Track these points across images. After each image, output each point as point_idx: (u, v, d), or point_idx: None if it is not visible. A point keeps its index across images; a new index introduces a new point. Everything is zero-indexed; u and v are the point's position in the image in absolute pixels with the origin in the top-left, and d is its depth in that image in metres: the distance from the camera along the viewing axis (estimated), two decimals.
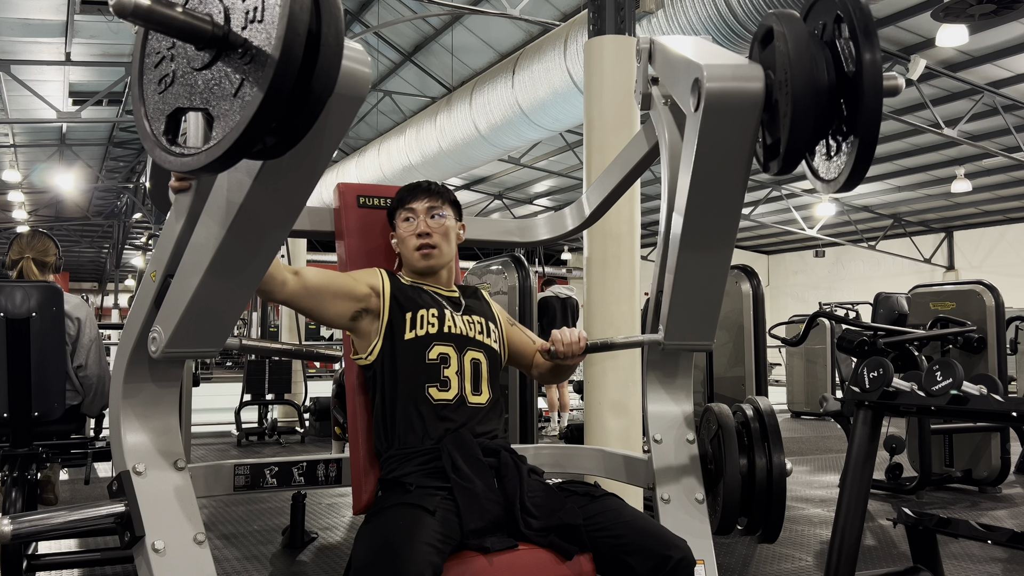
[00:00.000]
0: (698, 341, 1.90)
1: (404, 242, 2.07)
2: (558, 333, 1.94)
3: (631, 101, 4.02)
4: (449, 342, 1.96)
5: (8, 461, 2.95)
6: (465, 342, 1.98)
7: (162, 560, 1.53)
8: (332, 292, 1.91)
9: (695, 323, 1.87)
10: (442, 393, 1.91)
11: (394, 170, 9.65)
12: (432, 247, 2.04)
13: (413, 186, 2.11)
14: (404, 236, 2.06)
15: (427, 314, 1.96)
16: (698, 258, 1.76)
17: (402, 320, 1.95)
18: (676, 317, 1.84)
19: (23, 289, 2.99)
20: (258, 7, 1.08)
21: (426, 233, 2.03)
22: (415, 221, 2.05)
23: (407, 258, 2.07)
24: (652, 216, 15.02)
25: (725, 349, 4.65)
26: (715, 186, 1.65)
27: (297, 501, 3.96)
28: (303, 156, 1.32)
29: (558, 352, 1.93)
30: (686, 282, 1.79)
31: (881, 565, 3.61)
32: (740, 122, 1.54)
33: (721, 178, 1.64)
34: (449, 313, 2.00)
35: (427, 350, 1.93)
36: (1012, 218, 17.81)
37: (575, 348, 1.92)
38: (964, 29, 7.73)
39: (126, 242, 23.06)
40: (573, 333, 1.94)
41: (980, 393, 2.30)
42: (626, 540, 1.69)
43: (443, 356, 1.94)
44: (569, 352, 1.92)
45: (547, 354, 1.96)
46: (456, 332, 1.97)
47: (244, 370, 8.22)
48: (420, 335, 1.94)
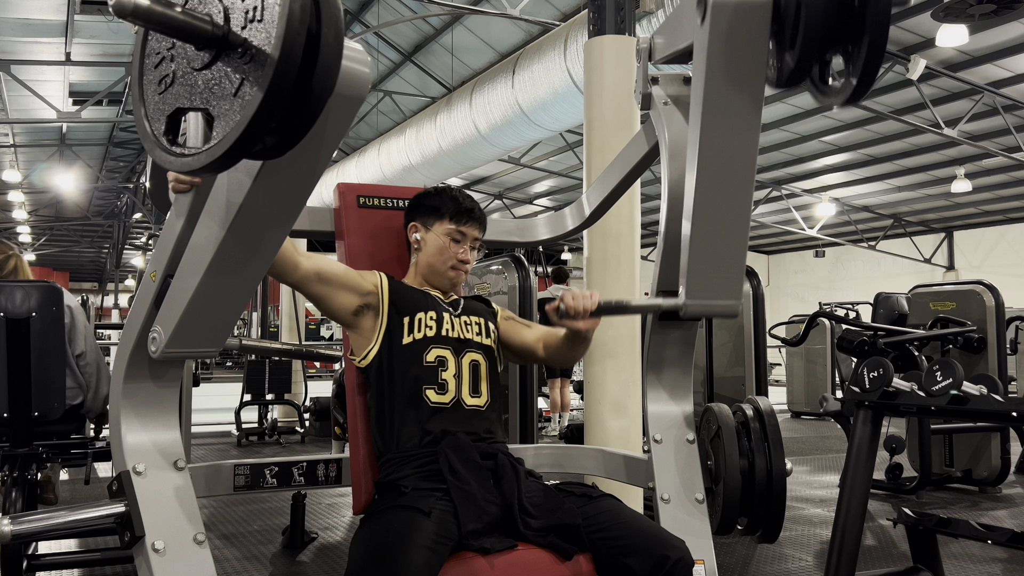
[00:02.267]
0: (724, 300, 1.71)
1: (441, 255, 2.05)
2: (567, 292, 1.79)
3: (631, 101, 4.02)
4: (447, 345, 1.95)
5: (8, 461, 2.95)
6: (463, 344, 1.98)
7: (162, 560, 1.53)
8: (341, 282, 1.92)
9: (720, 279, 1.69)
10: (439, 396, 1.90)
11: (394, 170, 9.64)
12: (465, 273, 2.08)
13: (468, 208, 2.07)
14: (445, 251, 2.05)
15: (425, 316, 1.96)
16: (718, 198, 1.61)
17: (400, 324, 1.94)
18: (698, 273, 1.65)
19: (23, 289, 2.99)
20: (258, 7, 1.08)
21: (467, 261, 2.07)
22: (462, 245, 2.06)
23: (435, 267, 2.05)
24: (652, 216, 15.02)
25: (725, 349, 4.66)
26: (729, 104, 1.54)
27: (297, 501, 3.96)
28: (303, 156, 1.32)
29: (567, 309, 1.76)
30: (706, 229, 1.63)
31: (881, 565, 3.61)
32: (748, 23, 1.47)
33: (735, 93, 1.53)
34: (448, 316, 2.00)
35: (425, 353, 1.93)
36: (1012, 218, 17.81)
37: (586, 304, 1.76)
38: (964, 29, 7.73)
39: (126, 242, 23.07)
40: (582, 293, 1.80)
41: (980, 393, 2.30)
42: (624, 541, 1.68)
43: (440, 359, 1.94)
44: (578, 308, 1.76)
45: (555, 313, 1.80)
46: (454, 335, 1.97)
47: (244, 370, 8.22)
48: (418, 338, 1.94)
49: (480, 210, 2.11)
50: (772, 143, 12.73)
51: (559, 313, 1.78)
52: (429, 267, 2.06)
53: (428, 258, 2.06)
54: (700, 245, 1.65)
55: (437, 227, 2.06)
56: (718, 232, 1.65)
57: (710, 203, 1.62)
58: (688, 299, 1.68)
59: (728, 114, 1.56)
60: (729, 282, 1.69)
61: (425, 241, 2.07)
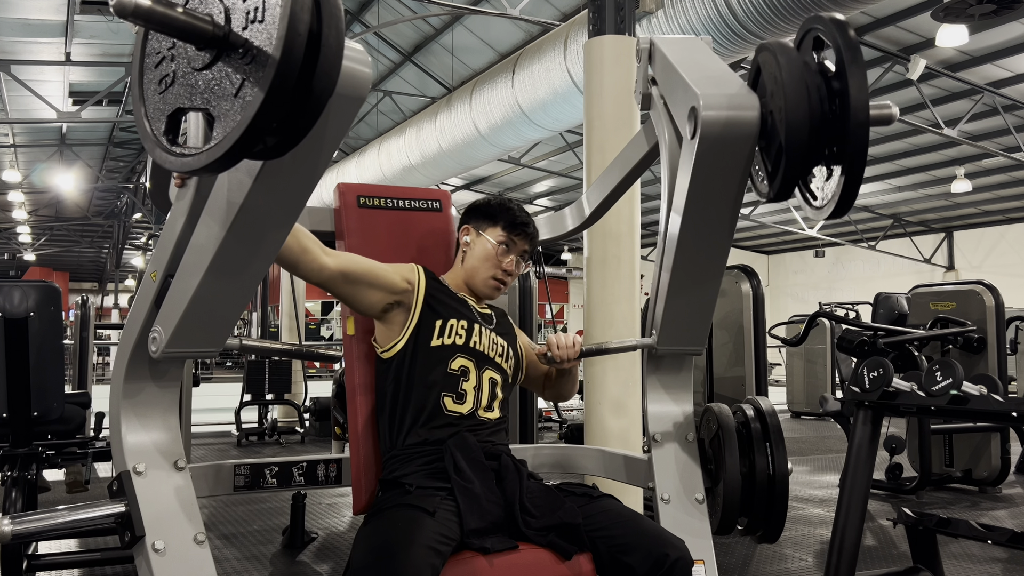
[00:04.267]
0: (690, 346, 1.98)
1: (486, 261, 2.04)
2: (553, 338, 1.99)
3: (631, 101, 4.02)
4: (471, 356, 1.95)
5: (8, 461, 2.95)
6: (485, 360, 1.98)
7: (162, 560, 1.53)
8: (368, 282, 1.89)
9: (687, 329, 1.93)
10: (456, 405, 1.90)
11: (394, 170, 9.64)
12: (505, 285, 2.09)
13: (524, 221, 2.08)
14: (493, 260, 2.04)
15: (457, 324, 1.96)
16: (691, 272, 1.82)
17: (431, 325, 1.93)
18: (669, 323, 1.91)
19: (21, 289, 2.99)
20: (259, 7, 1.08)
21: (511, 273, 2.07)
22: (510, 256, 2.06)
23: (478, 272, 2.05)
24: (652, 216, 15.02)
25: (725, 349, 4.66)
26: (709, 208, 1.71)
27: (297, 501, 3.96)
28: (304, 156, 1.32)
29: (554, 357, 1.99)
30: (679, 291, 1.85)
31: (881, 565, 3.61)
32: (735, 150, 1.59)
33: (715, 201, 1.70)
34: (479, 328, 1.99)
35: (451, 359, 1.93)
36: (1012, 218, 17.81)
37: (570, 352, 1.99)
38: (964, 29, 7.73)
39: (126, 242, 23.07)
40: (568, 338, 2.00)
41: (980, 393, 2.30)
42: (624, 540, 1.69)
43: (464, 369, 1.94)
44: (564, 356, 1.99)
45: (543, 358, 2.02)
46: (480, 348, 1.97)
47: (244, 370, 8.22)
48: (447, 343, 1.93)
49: (535, 226, 2.12)
50: None
51: (547, 360, 2.02)
52: (472, 271, 2.06)
53: (473, 261, 2.06)
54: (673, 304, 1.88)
55: (489, 232, 2.06)
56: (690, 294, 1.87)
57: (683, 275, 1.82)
58: (659, 345, 1.95)
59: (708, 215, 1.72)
60: (696, 332, 1.95)
61: (474, 245, 2.07)
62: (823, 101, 1.46)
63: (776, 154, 1.52)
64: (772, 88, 1.50)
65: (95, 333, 7.02)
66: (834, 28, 1.45)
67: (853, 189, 1.47)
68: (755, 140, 1.57)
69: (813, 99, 1.45)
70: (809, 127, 1.45)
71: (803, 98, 1.44)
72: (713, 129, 1.55)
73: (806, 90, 1.45)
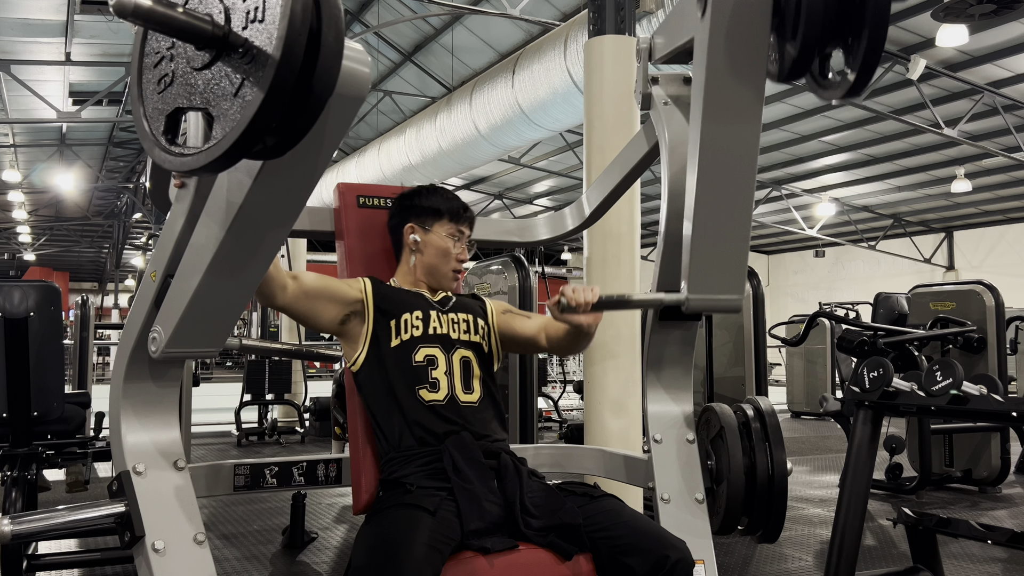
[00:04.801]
0: (727, 295, 1.69)
1: (444, 256, 2.05)
2: (568, 286, 1.76)
3: (631, 101, 4.02)
4: (435, 343, 1.95)
5: (8, 461, 2.95)
6: (450, 342, 1.98)
7: (162, 560, 1.53)
8: (327, 296, 1.92)
9: (722, 274, 1.67)
10: (432, 394, 1.90)
11: (394, 170, 9.64)
12: (462, 273, 2.11)
13: (462, 207, 2.09)
14: (448, 252, 2.06)
15: (411, 317, 1.96)
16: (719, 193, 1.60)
17: (387, 327, 1.95)
18: (700, 268, 1.64)
19: (21, 289, 2.99)
20: (259, 7, 1.08)
21: (464, 260, 2.10)
22: (460, 244, 2.08)
23: (438, 269, 2.06)
24: (652, 216, 15.02)
25: (725, 349, 4.65)
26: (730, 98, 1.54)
27: (297, 501, 3.96)
28: (303, 156, 1.32)
29: (568, 302, 1.72)
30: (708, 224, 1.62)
31: (881, 565, 3.61)
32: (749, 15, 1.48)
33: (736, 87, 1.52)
34: (435, 314, 2.00)
35: (413, 353, 1.93)
36: (1012, 218, 17.81)
37: (586, 297, 1.72)
38: (964, 29, 7.73)
39: (126, 242, 23.06)
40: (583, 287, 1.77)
41: (980, 393, 2.30)
42: (625, 540, 1.69)
43: (430, 358, 1.94)
44: (579, 300, 1.72)
45: (556, 307, 1.76)
46: (442, 332, 1.97)
47: (244, 370, 8.23)
48: (405, 339, 1.94)
49: (471, 209, 2.15)
50: (772, 143, 12.73)
51: (560, 307, 1.74)
52: (431, 268, 2.06)
53: (430, 259, 2.06)
54: (702, 240, 1.64)
55: (438, 228, 2.06)
56: (720, 227, 1.64)
57: (712, 197, 1.60)
58: (691, 294, 1.67)
59: (729, 108, 1.56)
60: (732, 277, 1.68)
61: (426, 243, 2.06)
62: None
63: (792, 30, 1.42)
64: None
65: (95, 333, 7.02)
66: None
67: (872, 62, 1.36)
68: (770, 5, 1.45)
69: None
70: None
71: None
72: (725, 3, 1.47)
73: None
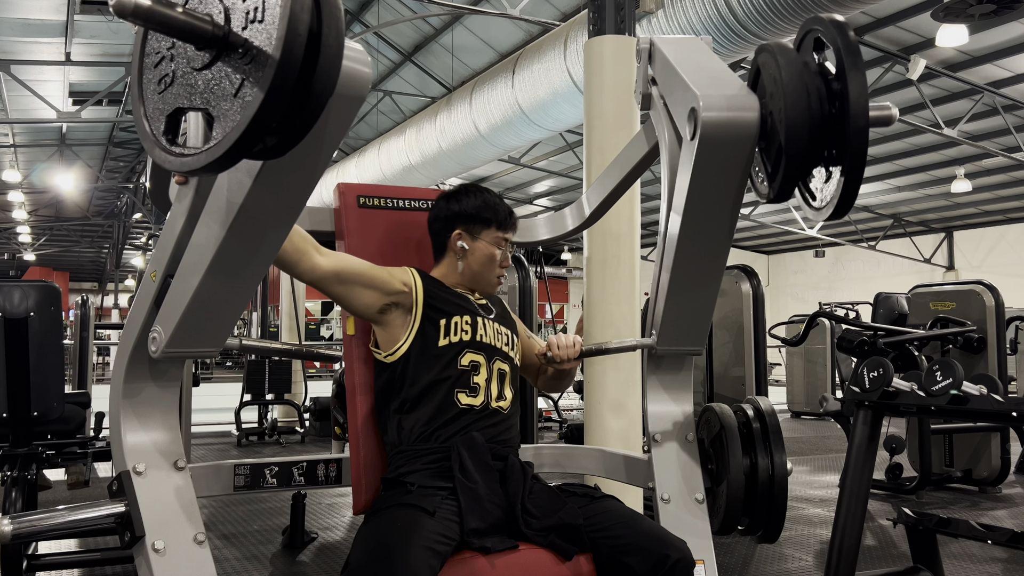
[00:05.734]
0: (690, 347, 1.98)
1: (491, 264, 2.06)
2: (554, 338, 2.03)
3: (631, 101, 4.02)
4: (480, 351, 1.96)
5: (8, 461, 2.95)
6: (494, 352, 1.98)
7: (162, 560, 1.53)
8: (364, 283, 1.89)
9: (687, 329, 1.94)
10: (470, 399, 1.90)
11: (394, 170, 9.64)
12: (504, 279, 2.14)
13: (508, 212, 2.10)
14: (495, 260, 2.06)
15: (460, 321, 1.96)
16: (691, 272, 1.82)
17: (435, 326, 1.93)
18: (669, 323, 1.91)
19: (21, 289, 2.99)
20: (258, 7, 1.08)
21: (507, 267, 2.12)
22: (504, 251, 2.09)
23: (484, 276, 2.06)
24: (652, 216, 15.02)
25: (725, 349, 4.66)
26: (709, 208, 1.71)
27: (297, 501, 3.96)
28: (303, 156, 1.32)
29: (555, 357, 2.03)
30: (679, 291, 1.86)
31: (881, 565, 3.61)
32: (735, 151, 1.59)
33: (715, 201, 1.70)
34: (482, 320, 1.99)
35: (460, 356, 1.93)
36: (1012, 218, 17.81)
37: (570, 352, 2.03)
38: (964, 29, 7.73)
39: (126, 242, 23.07)
40: (568, 338, 2.04)
41: (980, 393, 2.30)
42: (625, 540, 1.69)
43: (474, 363, 1.94)
44: (564, 356, 2.03)
45: (544, 358, 2.07)
46: (487, 341, 1.98)
47: (244, 370, 8.23)
48: (454, 341, 1.93)
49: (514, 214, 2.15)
50: None
51: (547, 360, 2.06)
52: (476, 275, 2.06)
53: (477, 266, 2.05)
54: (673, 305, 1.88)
55: (486, 235, 2.05)
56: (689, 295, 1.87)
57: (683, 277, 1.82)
58: (659, 345, 1.94)
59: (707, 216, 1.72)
60: (696, 332, 1.95)
61: (474, 250, 2.05)
62: (823, 102, 1.46)
63: (776, 155, 1.52)
64: (772, 89, 1.51)
65: (95, 333, 7.02)
66: (834, 29, 1.45)
67: (853, 190, 1.47)
68: (755, 141, 1.57)
69: (813, 100, 1.46)
70: (809, 128, 1.45)
71: (803, 99, 1.45)
72: (713, 130, 1.55)
73: (806, 91, 1.45)
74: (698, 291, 1.87)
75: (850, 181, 1.46)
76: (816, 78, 1.48)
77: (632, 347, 2.06)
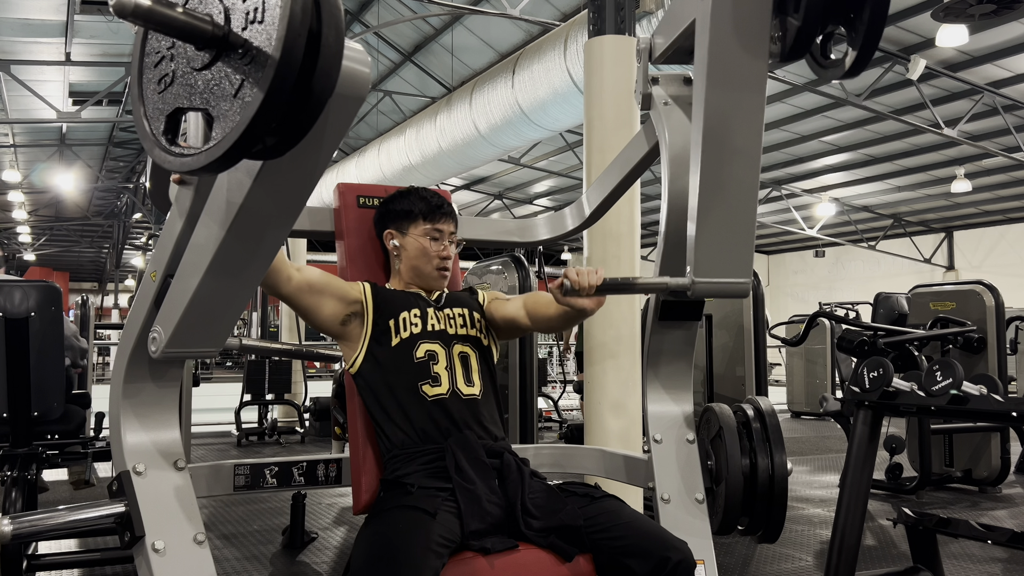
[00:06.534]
0: (733, 278, 1.65)
1: (424, 256, 2.06)
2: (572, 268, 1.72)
3: (631, 101, 4.02)
4: (435, 339, 1.97)
5: (8, 461, 2.95)
6: (450, 338, 1.99)
7: (162, 560, 1.53)
8: (329, 292, 1.94)
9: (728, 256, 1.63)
10: (435, 388, 1.92)
11: (394, 170, 9.64)
12: (449, 270, 2.10)
13: (437, 204, 2.08)
14: (427, 251, 2.05)
15: (409, 315, 1.98)
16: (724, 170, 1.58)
17: (386, 327, 1.96)
18: (705, 249, 1.60)
19: (22, 289, 2.99)
20: (258, 7, 1.08)
21: (449, 257, 2.09)
22: (441, 242, 2.07)
23: (420, 269, 2.06)
24: (652, 216, 15.01)
25: (725, 349, 4.65)
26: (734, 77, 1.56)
27: (297, 501, 3.96)
28: (303, 156, 1.32)
29: (573, 284, 1.67)
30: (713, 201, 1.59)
31: (881, 565, 3.61)
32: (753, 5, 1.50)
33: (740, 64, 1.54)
34: (431, 311, 2.02)
35: (414, 349, 1.95)
36: (1012, 218, 17.81)
37: (591, 280, 1.67)
38: (964, 29, 7.73)
39: (126, 242, 23.06)
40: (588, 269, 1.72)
41: (980, 393, 2.30)
42: (625, 542, 1.69)
43: (430, 353, 1.95)
44: (584, 284, 1.67)
45: (560, 290, 1.70)
46: (440, 328, 1.99)
47: (244, 370, 8.22)
48: (405, 337, 1.96)
49: (449, 205, 2.13)
50: (772, 143, 12.72)
51: (563, 290, 1.69)
52: (413, 271, 2.08)
53: (411, 262, 2.07)
54: (706, 219, 1.59)
55: (412, 230, 2.07)
56: (725, 206, 1.60)
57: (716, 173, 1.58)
58: (696, 277, 1.61)
59: (733, 85, 1.58)
60: (738, 259, 1.63)
61: (404, 247, 2.08)
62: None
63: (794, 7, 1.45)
64: None
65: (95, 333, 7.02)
66: None
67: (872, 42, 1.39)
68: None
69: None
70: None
71: None
72: None
73: None
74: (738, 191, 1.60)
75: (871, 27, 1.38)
76: None
77: (664, 285, 1.68)
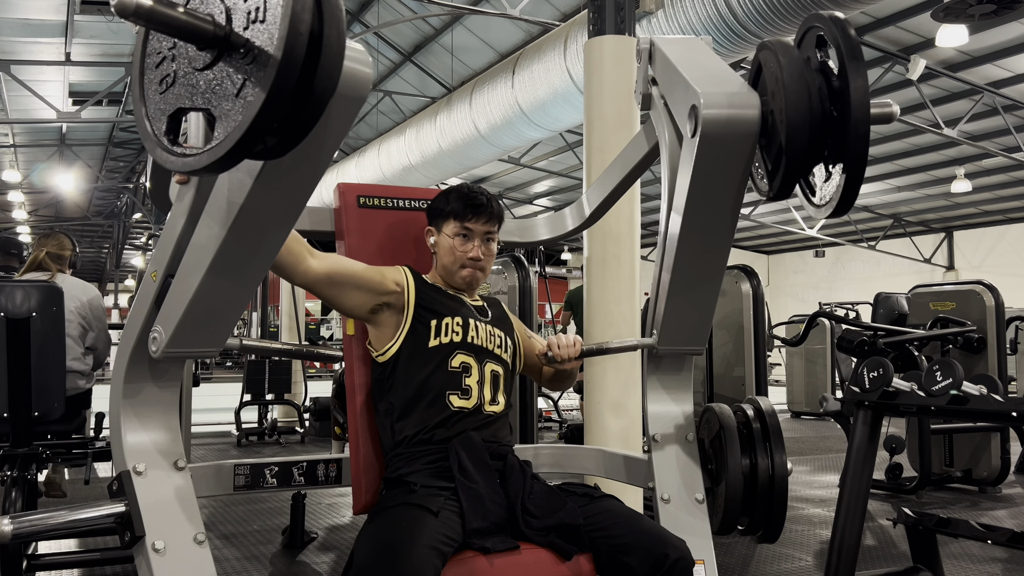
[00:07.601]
0: (690, 346, 1.98)
1: (451, 255, 2.02)
2: (554, 338, 2.03)
3: (631, 101, 4.02)
4: (471, 352, 1.96)
5: (8, 461, 2.95)
6: (485, 354, 1.98)
7: (162, 560, 1.53)
8: (355, 284, 1.89)
9: (688, 330, 1.93)
10: (463, 401, 1.91)
11: (394, 170, 9.64)
12: (481, 271, 2.05)
13: (476, 203, 2.02)
14: (455, 251, 2.02)
15: (452, 322, 1.95)
16: (691, 272, 1.82)
17: (426, 326, 1.93)
18: (669, 323, 1.91)
19: (23, 289, 2.99)
20: (260, 7, 1.08)
21: (479, 258, 2.03)
22: (471, 242, 2.02)
23: (448, 268, 2.04)
24: (652, 216, 15.01)
25: (725, 349, 4.65)
26: (710, 207, 1.71)
27: (297, 501, 3.96)
28: (304, 156, 1.32)
29: (555, 357, 2.03)
30: (679, 291, 1.85)
31: (881, 565, 3.61)
32: (735, 148, 1.59)
33: (716, 200, 1.70)
34: (474, 323, 1.99)
35: (450, 358, 1.93)
36: (1012, 218, 17.81)
37: (570, 352, 2.02)
38: (964, 29, 7.74)
39: (126, 242, 23.06)
40: (568, 338, 2.04)
41: (980, 393, 2.30)
42: (624, 540, 1.69)
43: (465, 365, 1.94)
44: (564, 356, 2.02)
45: (544, 358, 2.07)
46: (479, 343, 1.97)
47: (244, 370, 8.22)
48: (444, 343, 1.93)
49: (491, 202, 2.05)
50: None
51: (547, 360, 2.06)
52: (444, 269, 2.06)
53: (443, 260, 2.06)
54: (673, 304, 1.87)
55: (445, 228, 2.05)
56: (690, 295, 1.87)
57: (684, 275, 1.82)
58: (660, 345, 1.94)
59: (708, 214, 1.72)
60: (697, 331, 1.95)
61: (438, 244, 2.06)
62: (824, 100, 1.46)
63: (777, 153, 1.51)
64: (773, 87, 1.50)
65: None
66: (834, 27, 1.45)
67: (854, 188, 1.47)
68: (756, 139, 1.57)
69: (814, 98, 1.46)
70: (810, 126, 1.45)
71: (804, 97, 1.44)
72: (714, 128, 1.55)
73: (807, 89, 1.45)
74: (699, 290, 1.86)
75: (851, 179, 1.47)
76: (817, 76, 1.48)
77: (632, 347, 2.06)
